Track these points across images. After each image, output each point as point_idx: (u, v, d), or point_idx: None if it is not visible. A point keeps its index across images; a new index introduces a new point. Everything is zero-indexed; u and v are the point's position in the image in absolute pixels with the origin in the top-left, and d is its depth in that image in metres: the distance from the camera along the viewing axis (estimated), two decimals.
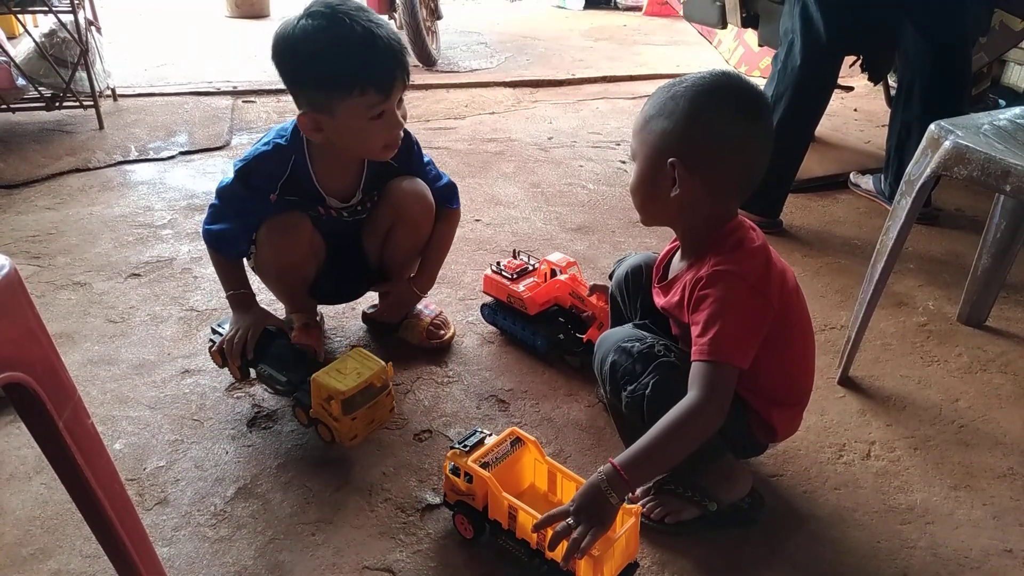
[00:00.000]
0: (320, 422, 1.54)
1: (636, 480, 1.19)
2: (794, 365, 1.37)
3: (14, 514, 1.40)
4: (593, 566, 1.17)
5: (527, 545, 1.26)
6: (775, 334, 1.27)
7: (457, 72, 4.57)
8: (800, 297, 1.36)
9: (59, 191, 2.72)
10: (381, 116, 1.54)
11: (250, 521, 1.40)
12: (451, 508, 1.38)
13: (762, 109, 1.27)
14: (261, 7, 5.83)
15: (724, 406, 1.21)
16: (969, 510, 1.49)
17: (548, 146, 3.38)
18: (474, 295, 2.14)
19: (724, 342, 1.20)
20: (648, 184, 1.30)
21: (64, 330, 1.91)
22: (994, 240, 2.01)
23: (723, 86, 1.25)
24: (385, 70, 1.51)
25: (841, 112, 3.95)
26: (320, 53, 1.47)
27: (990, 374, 1.91)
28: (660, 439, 1.19)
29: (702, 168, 1.24)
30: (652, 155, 1.27)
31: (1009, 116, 1.65)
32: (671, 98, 1.25)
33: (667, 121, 1.25)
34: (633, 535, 1.24)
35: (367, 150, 1.64)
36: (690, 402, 1.20)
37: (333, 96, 1.50)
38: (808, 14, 2.40)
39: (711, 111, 1.23)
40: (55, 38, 3.13)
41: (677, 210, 1.29)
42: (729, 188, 1.28)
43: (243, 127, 3.45)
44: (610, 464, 1.18)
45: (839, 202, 2.90)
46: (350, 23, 1.47)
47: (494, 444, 1.35)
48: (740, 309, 1.22)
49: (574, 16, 6.50)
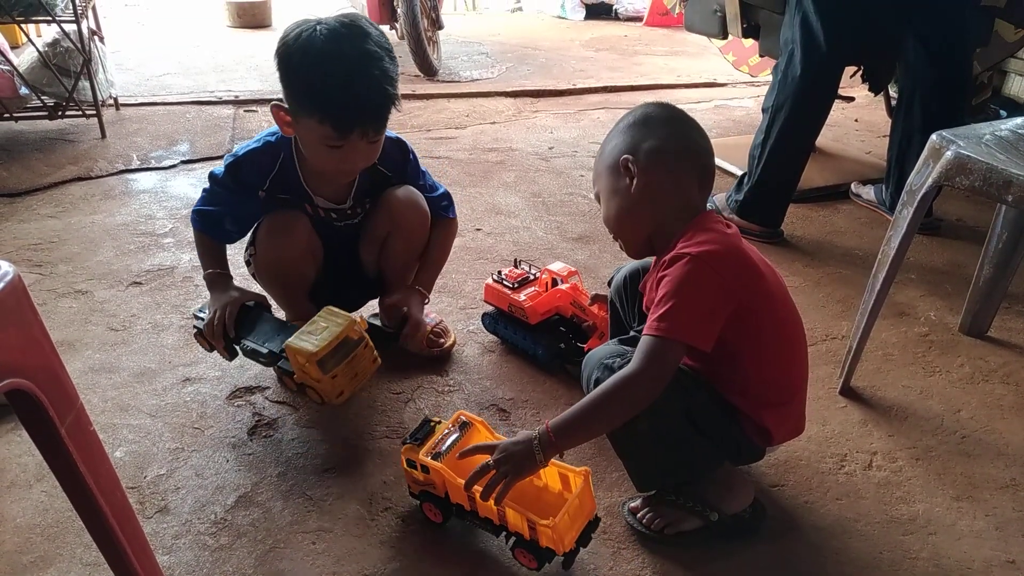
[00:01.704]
0: (307, 386, 1.55)
1: (563, 442, 1.25)
2: (776, 362, 1.36)
3: (15, 522, 1.39)
4: (552, 533, 1.23)
5: (491, 522, 1.33)
6: (752, 328, 1.29)
7: (458, 82, 4.58)
8: (783, 294, 1.37)
9: (61, 199, 2.72)
10: (338, 148, 1.54)
11: (250, 529, 1.40)
12: (417, 498, 1.42)
13: (687, 116, 1.40)
14: (263, 17, 5.84)
15: (659, 378, 1.23)
16: (972, 521, 1.49)
17: (549, 156, 3.38)
18: (475, 304, 2.14)
19: (673, 318, 1.22)
20: (612, 198, 1.39)
21: (65, 338, 1.91)
22: (996, 250, 2.01)
23: (655, 105, 1.40)
24: (349, 116, 1.50)
25: (842, 122, 3.96)
26: (306, 62, 1.49)
27: (992, 384, 1.90)
28: (590, 405, 1.24)
29: (653, 156, 1.33)
30: (608, 172, 1.38)
31: (1011, 126, 1.65)
32: (611, 132, 1.42)
33: (613, 141, 1.39)
34: (586, 495, 1.30)
35: (320, 168, 1.65)
36: (625, 372, 1.24)
37: (298, 107, 1.53)
38: (808, 24, 2.41)
39: (652, 117, 1.38)
40: (58, 47, 3.13)
41: (646, 208, 1.35)
42: (688, 174, 1.36)
43: (245, 136, 3.46)
44: (545, 426, 1.24)
45: (840, 212, 2.90)
46: (349, 49, 1.48)
47: (442, 430, 1.40)
48: (695, 287, 1.24)
49: (575, 26, 6.52)
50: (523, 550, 1.29)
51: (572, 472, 1.32)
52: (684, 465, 1.36)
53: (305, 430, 1.66)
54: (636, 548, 1.39)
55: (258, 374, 1.82)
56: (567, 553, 1.27)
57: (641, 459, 1.38)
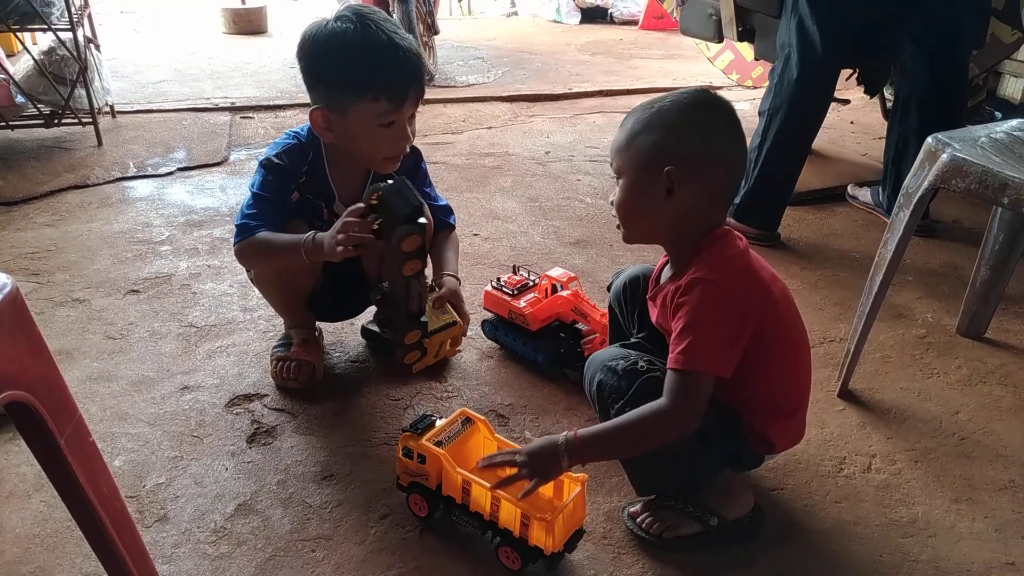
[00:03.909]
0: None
1: (587, 456, 1.26)
2: (785, 376, 1.36)
3: (13, 532, 1.39)
4: (545, 530, 1.24)
5: (480, 517, 1.33)
6: (762, 346, 1.28)
7: (454, 87, 4.58)
8: (789, 306, 1.36)
9: (58, 208, 2.72)
10: (390, 126, 1.58)
11: (250, 538, 1.40)
12: (404, 490, 1.43)
13: (737, 120, 1.31)
14: (259, 24, 5.84)
15: (693, 414, 1.23)
16: (971, 523, 1.49)
17: (545, 160, 3.39)
18: (472, 309, 2.13)
19: (697, 351, 1.21)
20: (639, 196, 1.31)
21: (63, 347, 1.91)
22: (992, 252, 2.01)
23: (707, 98, 1.31)
24: (401, 82, 1.56)
25: (838, 125, 3.97)
26: (344, 52, 1.54)
27: (990, 386, 1.91)
28: (621, 430, 1.25)
29: (697, 174, 1.26)
30: (642, 167, 1.28)
31: (1006, 129, 1.66)
32: (657, 113, 1.28)
33: (656, 134, 1.27)
34: (580, 503, 1.32)
35: (370, 157, 1.66)
36: (657, 406, 1.23)
37: (348, 96, 1.55)
38: (804, 28, 2.42)
39: (701, 120, 1.28)
40: (54, 56, 3.13)
41: (671, 219, 1.30)
42: (721, 193, 1.32)
43: (241, 143, 3.46)
44: (573, 434, 1.24)
45: (837, 215, 2.91)
46: (376, 30, 1.54)
47: (445, 425, 1.42)
48: (717, 318, 1.23)
49: (570, 30, 6.53)
50: (508, 548, 1.30)
51: (569, 478, 1.32)
52: (685, 471, 1.37)
53: (304, 437, 1.66)
54: (636, 553, 1.39)
55: (257, 381, 1.82)
56: (553, 555, 1.28)
57: (642, 464, 1.38)
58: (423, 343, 1.63)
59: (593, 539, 1.41)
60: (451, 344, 1.74)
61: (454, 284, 1.79)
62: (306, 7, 6.52)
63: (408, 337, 1.60)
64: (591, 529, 1.42)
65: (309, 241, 1.56)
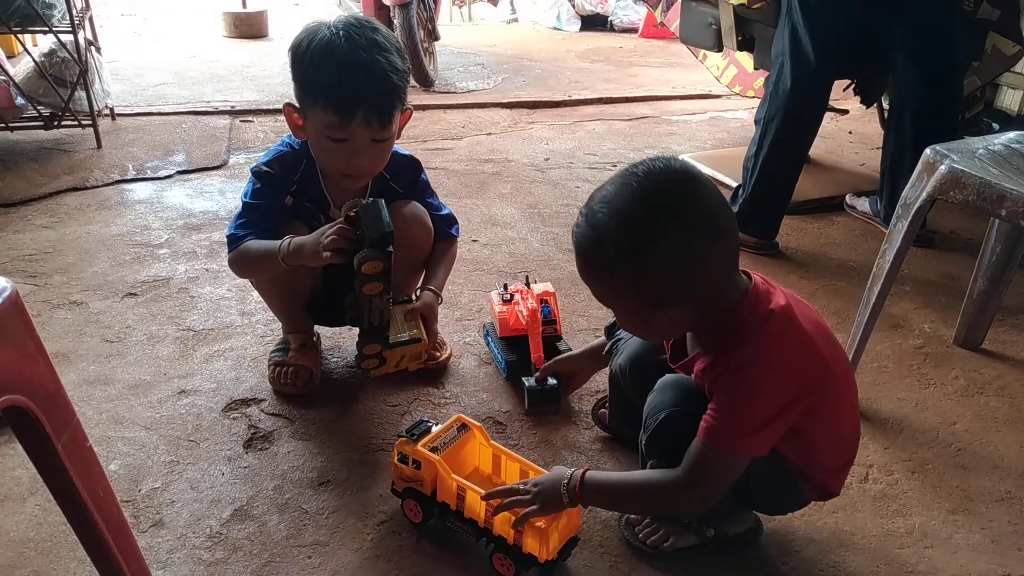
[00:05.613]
0: None
1: (588, 501, 1.26)
2: (843, 426, 1.27)
3: (8, 536, 1.38)
4: (539, 537, 1.24)
5: (475, 524, 1.34)
6: (814, 414, 1.18)
7: (454, 93, 4.59)
8: (835, 352, 1.24)
9: (56, 210, 2.71)
10: (342, 142, 1.56)
11: (246, 543, 1.39)
12: (399, 495, 1.43)
13: (695, 182, 1.12)
14: (259, 28, 5.85)
15: (712, 494, 1.18)
16: (968, 534, 1.49)
17: (545, 167, 3.39)
18: (471, 316, 2.14)
19: (734, 432, 1.13)
20: (638, 320, 1.20)
21: (60, 349, 1.90)
22: (990, 263, 2.02)
23: (656, 196, 1.09)
24: (349, 97, 1.52)
25: (836, 134, 3.98)
26: (310, 56, 1.54)
27: (987, 397, 1.91)
28: (630, 490, 1.26)
29: (686, 291, 1.12)
30: (620, 299, 1.18)
31: (1003, 141, 1.66)
32: (604, 224, 1.10)
33: (620, 264, 1.11)
34: (575, 511, 1.31)
35: (328, 168, 1.67)
36: (671, 477, 1.19)
37: (304, 100, 1.57)
38: (797, 37, 2.43)
39: (663, 240, 1.08)
40: (55, 58, 3.13)
41: (688, 319, 1.18)
42: (729, 261, 1.15)
43: (241, 147, 3.46)
44: (580, 475, 1.23)
45: (835, 224, 2.91)
46: (353, 46, 1.52)
47: (441, 431, 1.42)
48: (767, 398, 1.13)
49: (570, 38, 6.54)
50: (502, 555, 1.30)
51: None
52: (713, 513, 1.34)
53: (301, 443, 1.65)
54: (632, 562, 1.39)
55: (254, 386, 1.82)
56: (546, 563, 1.28)
57: None
58: (383, 354, 1.66)
59: (590, 547, 1.41)
60: (411, 359, 1.73)
61: (431, 299, 1.79)
62: (307, 12, 6.53)
63: (368, 348, 1.63)
64: (588, 537, 1.42)
65: (286, 247, 1.57)
